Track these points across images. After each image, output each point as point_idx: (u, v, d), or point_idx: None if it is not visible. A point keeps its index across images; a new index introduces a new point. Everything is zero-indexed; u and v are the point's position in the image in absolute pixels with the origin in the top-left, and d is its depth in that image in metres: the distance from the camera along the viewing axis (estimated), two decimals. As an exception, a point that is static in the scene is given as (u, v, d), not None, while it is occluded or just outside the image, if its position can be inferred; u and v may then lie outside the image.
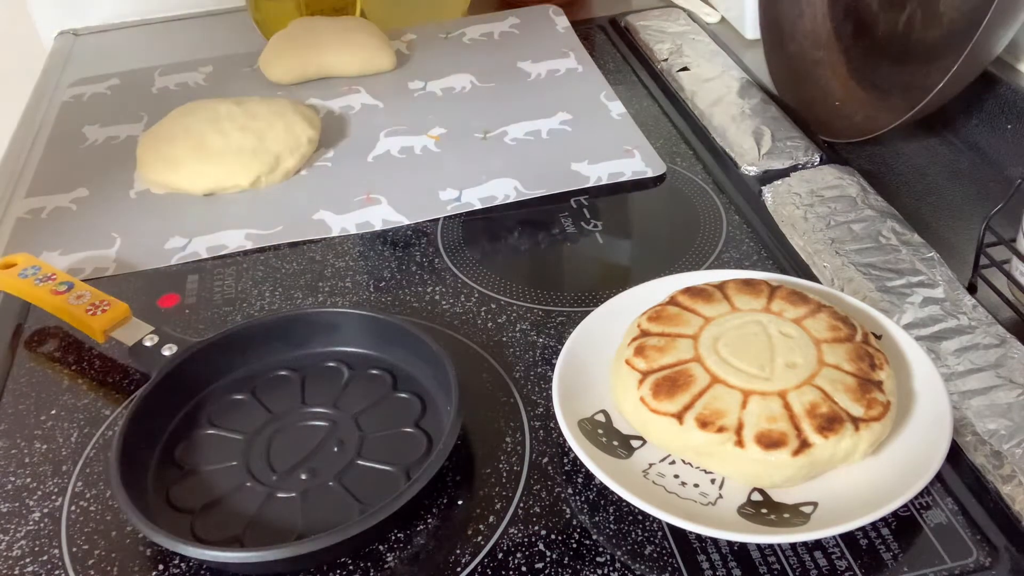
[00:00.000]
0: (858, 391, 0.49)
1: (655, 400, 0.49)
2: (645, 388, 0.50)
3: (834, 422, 0.47)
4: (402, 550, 0.49)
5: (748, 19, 0.97)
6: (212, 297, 0.68)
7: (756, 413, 0.48)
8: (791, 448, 0.46)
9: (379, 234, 0.73)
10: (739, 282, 0.56)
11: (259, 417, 0.56)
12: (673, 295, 0.56)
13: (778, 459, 0.46)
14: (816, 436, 0.47)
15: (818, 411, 0.48)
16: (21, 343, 0.65)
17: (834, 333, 0.52)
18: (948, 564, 0.46)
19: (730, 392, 0.49)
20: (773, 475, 0.47)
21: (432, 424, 0.55)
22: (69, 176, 0.83)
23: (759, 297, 0.55)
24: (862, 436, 0.47)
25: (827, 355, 0.51)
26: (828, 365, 0.50)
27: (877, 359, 0.51)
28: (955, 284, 0.61)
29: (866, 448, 0.48)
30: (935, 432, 0.49)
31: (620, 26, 1.04)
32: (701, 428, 0.47)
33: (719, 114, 0.83)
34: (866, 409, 0.48)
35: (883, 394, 0.49)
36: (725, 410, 0.48)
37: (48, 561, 0.50)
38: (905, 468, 0.48)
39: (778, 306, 0.55)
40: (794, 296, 0.55)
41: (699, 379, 0.50)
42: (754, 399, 0.48)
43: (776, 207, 0.71)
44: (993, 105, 0.79)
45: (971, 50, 0.65)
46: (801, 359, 0.51)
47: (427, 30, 1.04)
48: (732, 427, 0.47)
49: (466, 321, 0.64)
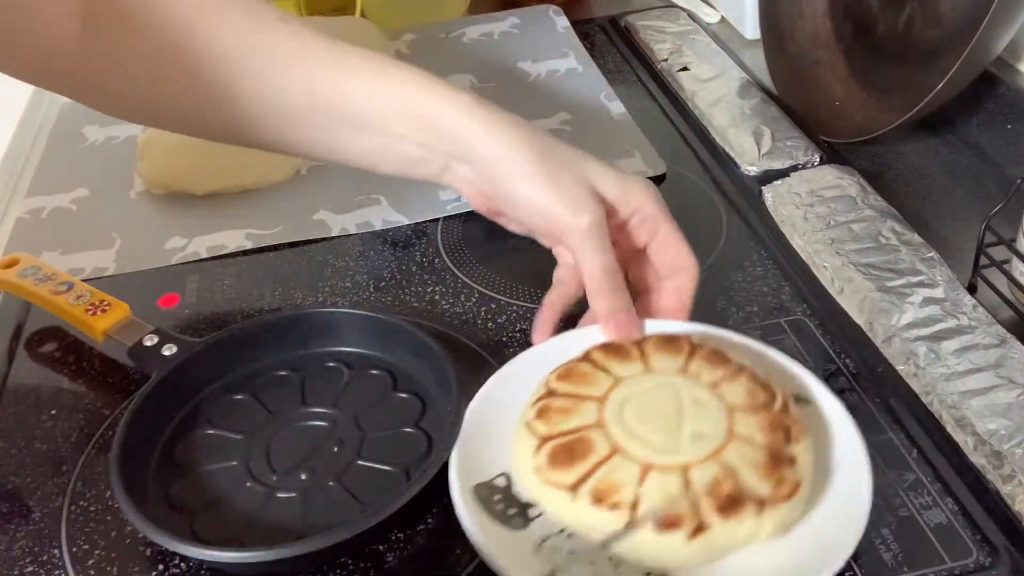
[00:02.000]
0: (767, 467, 0.44)
1: (550, 470, 0.46)
2: (542, 456, 0.46)
3: (736, 503, 0.43)
4: (402, 550, 0.49)
5: (748, 19, 0.97)
6: (212, 297, 0.68)
7: (654, 489, 0.44)
8: (687, 530, 0.42)
9: (379, 234, 0.73)
10: (660, 339, 0.52)
11: (259, 417, 0.56)
12: (588, 351, 0.52)
13: (671, 542, 0.42)
14: (715, 517, 0.43)
15: (720, 490, 0.43)
16: (21, 343, 0.65)
17: (750, 399, 0.48)
18: (948, 564, 0.46)
19: (630, 464, 0.45)
20: (668, 558, 0.44)
21: (432, 424, 0.55)
22: (69, 176, 0.83)
23: (678, 356, 0.51)
24: (766, 518, 0.43)
25: (739, 425, 0.47)
26: (738, 437, 0.46)
27: (794, 431, 0.46)
28: (955, 284, 0.61)
29: (771, 530, 0.44)
30: (852, 509, 0.45)
31: (620, 26, 1.04)
32: (594, 504, 0.44)
33: (719, 114, 0.83)
34: (774, 488, 0.44)
35: (794, 472, 0.45)
36: (621, 484, 0.44)
37: (48, 561, 0.50)
38: (815, 548, 0.44)
39: (695, 367, 0.50)
40: (714, 356, 0.51)
41: (599, 448, 0.46)
42: (653, 473, 0.44)
43: (776, 207, 0.71)
44: (993, 105, 0.79)
45: (971, 50, 0.65)
46: (710, 429, 0.46)
47: (427, 30, 1.04)
48: (627, 504, 0.43)
49: (466, 321, 0.64)
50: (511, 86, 0.92)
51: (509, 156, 0.52)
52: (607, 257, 0.51)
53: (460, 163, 0.54)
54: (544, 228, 0.53)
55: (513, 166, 0.52)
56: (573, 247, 0.52)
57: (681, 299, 0.55)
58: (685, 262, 0.54)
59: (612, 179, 0.53)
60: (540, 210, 0.52)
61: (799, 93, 0.87)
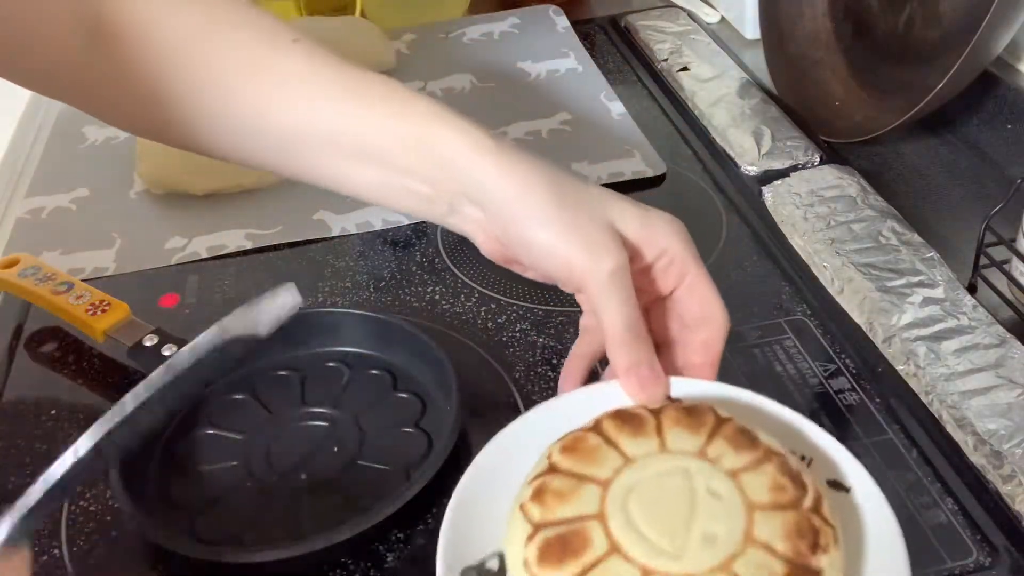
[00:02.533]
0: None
1: (539, 566, 0.39)
2: (532, 547, 0.40)
3: None
4: (402, 550, 0.49)
5: (748, 19, 0.97)
6: (212, 297, 0.68)
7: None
8: None
9: (379, 234, 0.73)
10: (680, 410, 0.45)
11: (259, 417, 0.56)
12: (600, 419, 0.45)
13: None
14: None
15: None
16: (21, 343, 0.65)
17: (775, 496, 0.41)
18: (948, 564, 0.46)
19: (627, 569, 0.39)
20: None
21: (432, 424, 0.55)
22: (69, 176, 0.83)
23: (698, 433, 0.44)
24: None
25: (758, 527, 0.40)
26: (756, 543, 0.39)
27: (823, 538, 0.39)
28: (955, 284, 0.61)
29: None
30: None
31: (620, 26, 1.04)
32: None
33: (719, 114, 0.83)
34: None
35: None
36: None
37: (48, 561, 0.50)
38: None
39: (716, 450, 0.43)
40: (740, 437, 0.43)
41: (595, 545, 0.40)
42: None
43: (776, 207, 0.71)
44: (993, 105, 0.79)
45: (971, 50, 0.65)
46: (724, 530, 0.40)
47: (427, 30, 1.04)
48: None
49: (466, 321, 0.64)
50: (511, 86, 0.92)
51: (524, 198, 0.47)
52: (630, 307, 0.46)
53: (471, 205, 0.50)
54: (563, 276, 0.48)
55: (528, 209, 0.47)
56: (593, 295, 0.47)
57: (709, 354, 0.49)
58: (714, 312, 0.48)
59: (635, 218, 0.48)
60: (558, 256, 0.47)
61: (799, 93, 0.87)
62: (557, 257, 0.47)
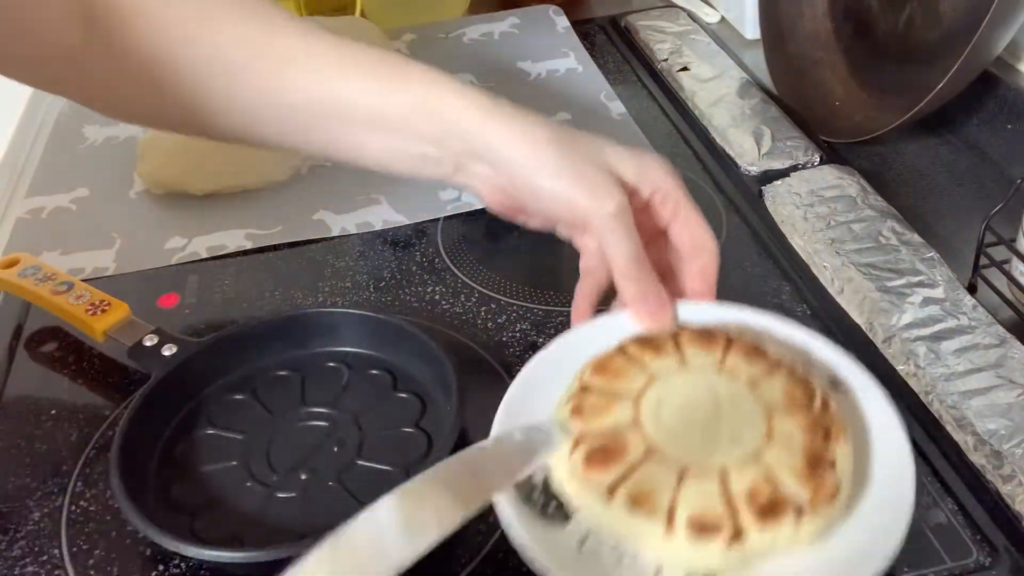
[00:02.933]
0: (806, 471, 0.43)
1: (587, 470, 0.44)
2: (577, 456, 0.45)
3: (775, 509, 0.42)
4: (402, 550, 0.49)
5: (748, 19, 0.97)
6: (212, 297, 0.68)
7: (691, 494, 0.43)
8: (724, 537, 0.41)
9: (379, 234, 0.73)
10: (695, 332, 0.51)
11: (259, 417, 0.56)
12: (623, 343, 0.50)
13: (709, 550, 0.41)
14: (753, 525, 0.41)
15: (759, 495, 0.42)
16: (21, 343, 0.65)
17: (789, 398, 0.46)
18: (948, 564, 0.46)
19: (666, 466, 0.44)
20: (703, 564, 0.42)
21: (432, 424, 0.55)
22: (69, 176, 0.83)
23: (714, 350, 0.49)
24: (805, 524, 0.42)
25: (777, 426, 0.45)
26: (777, 439, 0.45)
27: (834, 431, 0.45)
28: (955, 284, 0.61)
29: (809, 537, 0.42)
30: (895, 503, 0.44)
31: (620, 26, 1.04)
32: (630, 508, 0.42)
33: (719, 114, 0.83)
34: (813, 493, 0.42)
35: (834, 475, 0.43)
36: (658, 488, 0.43)
37: (48, 561, 0.50)
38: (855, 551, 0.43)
39: (732, 362, 0.49)
40: (751, 351, 0.49)
41: (635, 448, 0.45)
42: (691, 477, 0.43)
43: (776, 207, 0.71)
44: (993, 105, 0.79)
45: (971, 50, 0.65)
46: (748, 430, 0.45)
47: (427, 30, 1.04)
48: (663, 509, 0.42)
49: (466, 321, 0.64)
50: (511, 86, 0.92)
51: (530, 152, 0.51)
52: (633, 242, 0.51)
53: (477, 162, 0.53)
54: (569, 218, 0.53)
55: (535, 161, 0.51)
56: (600, 234, 0.51)
57: (706, 280, 0.54)
58: (706, 241, 0.54)
59: (631, 161, 0.53)
60: (564, 201, 0.51)
61: (799, 93, 0.87)
62: (564, 202, 0.51)
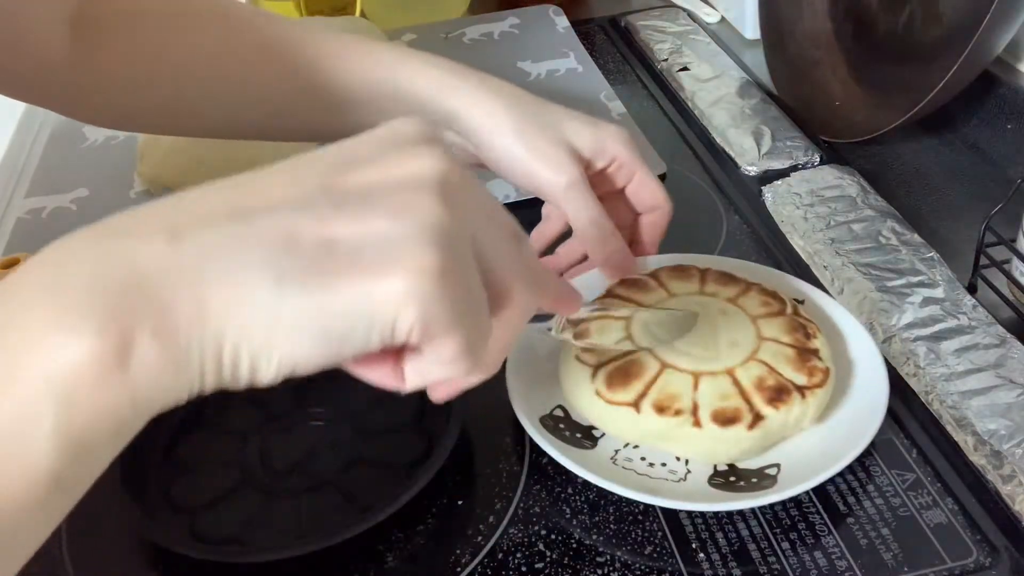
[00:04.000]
0: (798, 361, 0.51)
1: (610, 391, 0.50)
2: (599, 381, 0.51)
3: (783, 393, 0.49)
4: (402, 550, 0.49)
5: (748, 19, 0.97)
6: (212, 297, 0.68)
7: (708, 393, 0.49)
8: (746, 422, 0.48)
9: (379, 234, 0.73)
10: (669, 269, 0.58)
11: (259, 417, 0.56)
12: (609, 287, 0.57)
13: (735, 434, 0.48)
14: (768, 408, 0.49)
15: (766, 384, 0.50)
16: (21, 343, 0.65)
17: (767, 308, 0.55)
18: (948, 564, 0.46)
19: (681, 376, 0.51)
20: (731, 450, 0.49)
21: (432, 424, 0.55)
22: (69, 176, 0.83)
23: (691, 281, 0.57)
24: (809, 403, 0.49)
25: (764, 330, 0.53)
26: (767, 339, 0.52)
27: (810, 328, 0.53)
28: (955, 284, 0.61)
29: (814, 413, 0.50)
30: (875, 387, 0.52)
31: (620, 26, 1.04)
32: (658, 414, 0.49)
33: (719, 114, 0.83)
34: (808, 377, 0.50)
35: (821, 361, 0.51)
36: (678, 394, 0.49)
37: (48, 561, 0.50)
38: (853, 425, 0.50)
39: (711, 288, 0.56)
40: (724, 277, 0.57)
41: (649, 366, 0.51)
42: (704, 380, 0.50)
43: (776, 207, 0.71)
44: (993, 105, 0.79)
45: (971, 50, 0.65)
46: (742, 336, 0.53)
47: (427, 30, 1.04)
48: (688, 409, 0.49)
49: (466, 321, 0.64)
50: (511, 86, 0.92)
51: (490, 125, 0.55)
52: (592, 209, 0.55)
53: (447, 131, 0.57)
54: (530, 187, 0.57)
55: (494, 135, 0.55)
56: (559, 204, 0.56)
57: (655, 231, 0.60)
58: (660, 201, 0.59)
59: (588, 134, 0.57)
60: (523, 173, 0.56)
61: (799, 93, 0.87)
62: (522, 175, 0.56)
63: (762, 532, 0.48)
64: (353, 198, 0.29)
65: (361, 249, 0.28)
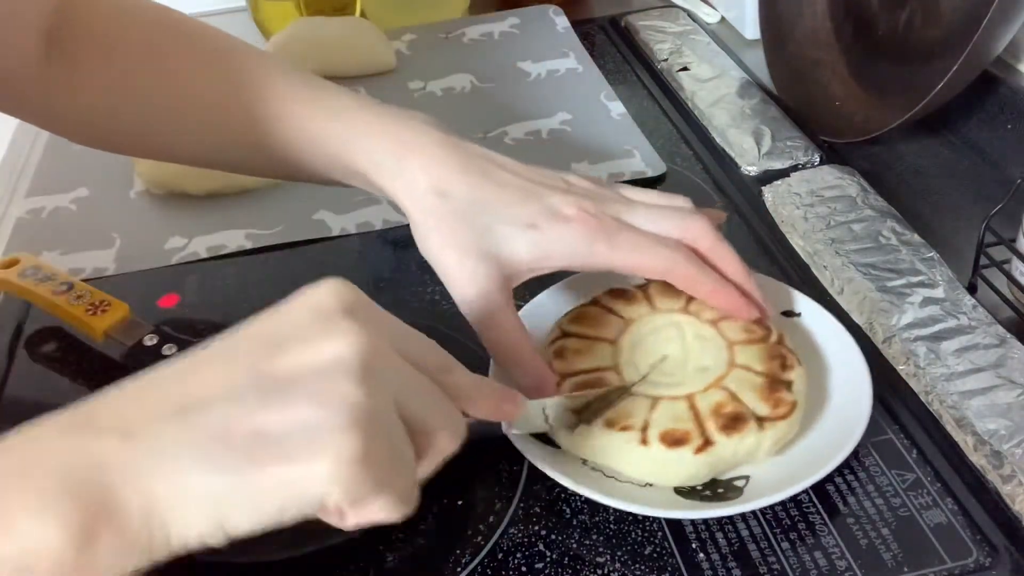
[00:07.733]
0: (766, 390, 0.49)
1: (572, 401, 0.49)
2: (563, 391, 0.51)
3: (738, 421, 0.48)
4: (402, 550, 0.49)
5: (748, 19, 0.97)
6: (212, 297, 0.68)
7: (663, 415, 0.48)
8: (693, 446, 0.47)
9: (379, 234, 0.73)
10: (660, 284, 0.56)
11: (259, 417, 0.56)
12: (596, 296, 0.56)
13: (680, 456, 0.47)
14: (719, 435, 0.47)
15: (723, 411, 0.48)
16: (21, 343, 0.65)
17: (747, 335, 0.53)
18: (948, 564, 0.46)
19: (641, 399, 0.50)
20: (677, 473, 0.48)
21: (432, 424, 0.55)
22: (69, 176, 0.83)
23: (678, 297, 0.56)
24: (767, 434, 0.48)
25: (739, 356, 0.52)
26: (738, 367, 0.51)
27: (788, 360, 0.51)
28: (955, 284, 0.61)
29: (770, 446, 0.48)
30: (858, 407, 0.51)
31: (620, 26, 1.04)
32: (606, 427, 0.48)
33: (719, 114, 0.83)
34: (772, 408, 0.48)
35: (791, 393, 0.49)
36: (632, 412, 0.49)
37: (48, 561, 0.50)
38: (830, 442, 0.49)
39: (695, 306, 0.55)
40: None
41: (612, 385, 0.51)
42: (663, 403, 0.49)
43: (776, 207, 0.71)
44: (993, 105, 0.79)
45: (971, 50, 0.65)
46: (712, 362, 0.51)
47: (427, 30, 1.04)
48: (638, 427, 0.48)
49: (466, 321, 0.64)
50: (511, 86, 0.92)
51: (421, 221, 0.53)
52: (496, 333, 0.52)
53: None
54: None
55: (420, 230, 0.53)
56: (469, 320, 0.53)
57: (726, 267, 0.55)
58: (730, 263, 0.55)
59: (525, 244, 0.51)
60: (442, 274, 0.53)
61: (799, 93, 0.87)
62: (442, 275, 0.53)
63: (762, 532, 0.48)
64: (279, 385, 0.33)
65: (288, 437, 0.33)
